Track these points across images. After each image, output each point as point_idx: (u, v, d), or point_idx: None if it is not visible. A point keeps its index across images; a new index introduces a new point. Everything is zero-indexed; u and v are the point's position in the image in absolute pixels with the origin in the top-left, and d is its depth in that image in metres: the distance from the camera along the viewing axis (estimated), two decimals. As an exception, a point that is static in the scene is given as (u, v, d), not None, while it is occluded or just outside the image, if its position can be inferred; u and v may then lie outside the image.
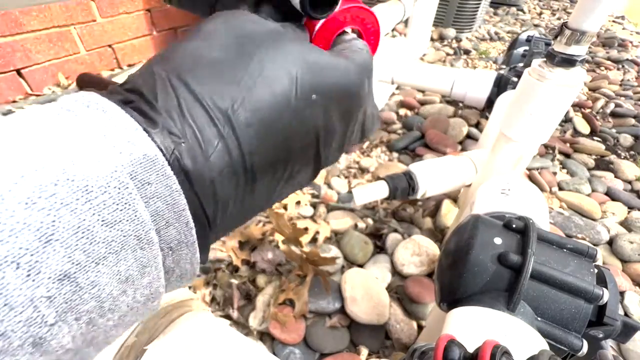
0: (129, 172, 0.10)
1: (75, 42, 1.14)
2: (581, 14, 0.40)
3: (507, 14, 2.18)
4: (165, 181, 0.11)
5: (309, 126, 0.14)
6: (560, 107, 0.46)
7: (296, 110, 0.14)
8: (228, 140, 0.13)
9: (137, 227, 0.10)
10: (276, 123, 0.13)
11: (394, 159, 0.94)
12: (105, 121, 0.11)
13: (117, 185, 0.10)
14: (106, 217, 0.10)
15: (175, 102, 0.12)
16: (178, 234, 0.12)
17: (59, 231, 0.09)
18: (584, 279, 0.29)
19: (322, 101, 0.15)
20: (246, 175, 0.13)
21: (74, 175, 0.09)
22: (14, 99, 1.04)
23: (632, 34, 1.99)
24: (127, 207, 0.10)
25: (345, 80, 0.15)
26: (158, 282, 0.12)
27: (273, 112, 0.13)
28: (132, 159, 0.10)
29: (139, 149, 0.11)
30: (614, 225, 0.77)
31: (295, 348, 0.53)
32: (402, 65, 0.95)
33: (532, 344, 0.27)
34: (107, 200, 0.10)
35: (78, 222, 0.09)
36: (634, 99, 1.27)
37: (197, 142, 0.12)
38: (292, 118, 0.14)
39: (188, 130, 0.12)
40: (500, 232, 0.33)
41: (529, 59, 0.94)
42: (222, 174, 0.13)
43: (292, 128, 0.14)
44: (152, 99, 0.12)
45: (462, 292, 0.31)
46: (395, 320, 0.56)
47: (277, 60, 0.14)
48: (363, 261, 0.66)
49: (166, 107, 0.12)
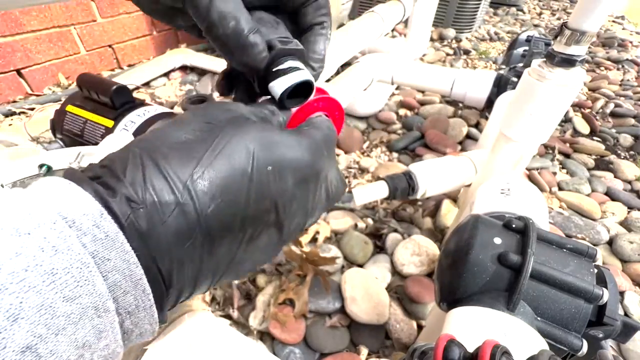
0: (91, 252, 0.12)
1: (76, 42, 1.14)
2: (581, 14, 0.40)
3: (507, 14, 2.18)
4: (123, 256, 0.13)
5: (265, 193, 0.17)
6: (559, 107, 0.46)
7: (252, 180, 0.16)
8: (185, 206, 0.14)
9: (95, 299, 0.12)
10: (233, 191, 0.16)
11: (394, 159, 0.94)
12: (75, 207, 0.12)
13: (79, 266, 0.12)
14: (67, 294, 0.11)
15: (140, 174, 0.14)
16: (135, 300, 0.14)
17: (24, 310, 0.10)
18: (583, 279, 0.29)
19: (277, 172, 0.17)
20: (203, 237, 0.15)
21: (42, 261, 0.11)
22: (14, 99, 1.04)
23: (632, 34, 1.99)
24: (87, 282, 0.12)
25: (298, 154, 0.18)
26: (115, 344, 0.13)
27: (230, 182, 0.16)
28: (95, 239, 0.12)
29: (102, 231, 0.13)
30: (613, 225, 0.77)
31: (295, 348, 0.53)
32: (402, 65, 0.95)
33: (532, 343, 0.27)
34: (69, 279, 0.11)
35: (42, 301, 0.11)
36: (634, 99, 1.27)
37: (155, 207, 0.14)
38: (249, 187, 0.16)
39: (148, 198, 0.14)
40: (500, 232, 0.33)
41: (529, 59, 0.94)
42: (178, 235, 0.14)
43: (249, 195, 0.16)
44: (120, 173, 0.14)
45: (462, 292, 0.31)
46: (395, 320, 0.56)
47: (238, 139, 0.16)
48: (363, 261, 0.66)
49: (132, 179, 0.14)
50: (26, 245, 0.11)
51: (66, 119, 0.61)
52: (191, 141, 0.16)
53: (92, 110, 0.59)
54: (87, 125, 0.59)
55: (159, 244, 0.14)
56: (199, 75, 1.24)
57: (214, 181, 0.15)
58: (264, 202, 0.17)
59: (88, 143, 0.59)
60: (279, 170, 0.17)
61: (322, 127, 0.21)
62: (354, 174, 0.89)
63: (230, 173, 0.16)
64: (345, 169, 0.90)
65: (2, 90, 1.01)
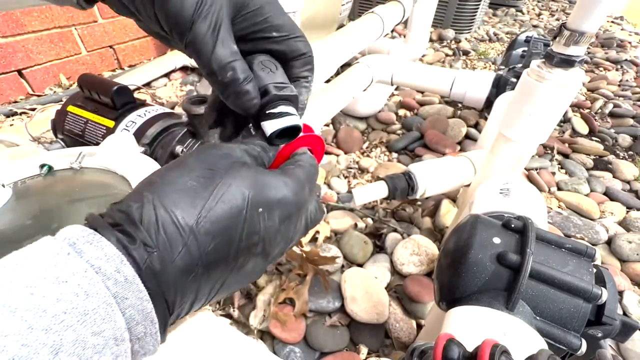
0: (113, 293, 0.15)
1: (77, 42, 1.14)
2: (580, 15, 0.40)
3: (506, 14, 2.19)
4: (138, 295, 0.16)
5: (256, 230, 0.20)
6: (558, 107, 0.46)
7: (246, 220, 0.19)
8: (190, 246, 0.17)
9: (116, 332, 0.15)
10: (230, 230, 0.19)
11: (394, 159, 0.94)
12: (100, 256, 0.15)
13: (105, 307, 0.15)
14: (95, 329, 0.14)
15: (154, 220, 0.17)
16: (144, 329, 0.16)
17: (64, 345, 0.13)
18: (582, 279, 0.29)
19: (266, 211, 0.20)
20: (202, 270, 0.18)
21: (78, 305, 0.14)
22: (15, 99, 1.04)
23: (630, 35, 1.99)
24: (110, 319, 0.15)
25: (285, 195, 0.21)
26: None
27: (228, 223, 0.18)
28: (116, 282, 0.15)
29: (122, 275, 0.15)
30: (612, 225, 0.77)
31: (296, 347, 0.54)
32: (401, 65, 0.96)
33: (531, 343, 0.27)
34: (97, 318, 0.14)
35: (76, 336, 0.14)
36: (633, 99, 1.27)
37: (167, 249, 0.17)
38: (243, 226, 0.19)
39: (161, 241, 0.17)
40: (499, 232, 0.33)
41: (528, 59, 0.94)
42: (183, 271, 0.17)
43: (242, 232, 0.19)
44: (137, 221, 0.17)
45: (461, 291, 0.32)
46: (395, 319, 0.56)
47: (236, 186, 0.19)
48: (363, 260, 0.66)
49: (147, 225, 0.17)
50: (64, 291, 0.14)
51: (67, 119, 0.61)
52: (195, 187, 0.18)
53: (93, 111, 0.60)
54: (88, 125, 0.59)
55: (168, 279, 0.17)
56: (200, 75, 1.24)
57: (214, 223, 0.18)
58: (254, 237, 0.20)
59: (89, 143, 0.59)
60: (268, 210, 0.20)
61: (306, 165, 0.23)
62: (353, 174, 0.89)
63: (229, 216, 0.18)
64: (345, 169, 0.90)
65: (3, 90, 1.01)
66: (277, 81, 0.24)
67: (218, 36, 0.21)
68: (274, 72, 0.24)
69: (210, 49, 0.21)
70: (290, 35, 0.24)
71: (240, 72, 0.22)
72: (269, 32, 0.24)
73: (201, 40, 0.21)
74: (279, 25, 0.24)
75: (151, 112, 0.59)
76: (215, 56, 0.21)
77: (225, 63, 0.21)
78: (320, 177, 0.84)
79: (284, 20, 0.24)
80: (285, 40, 0.24)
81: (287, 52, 0.25)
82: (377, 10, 1.04)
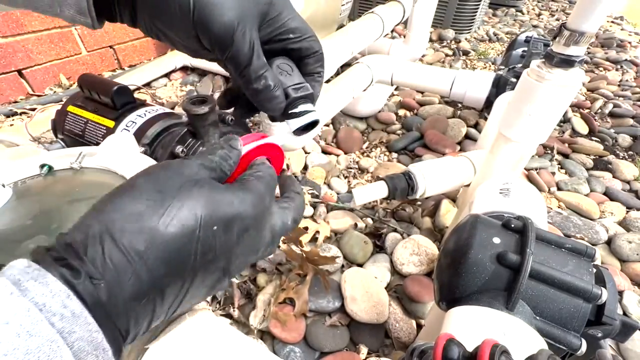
0: (58, 329, 0.15)
1: (77, 42, 1.14)
2: (580, 15, 0.41)
3: (506, 14, 2.19)
4: (86, 327, 0.16)
5: (211, 248, 0.19)
6: (558, 107, 0.46)
7: (199, 240, 0.19)
8: (139, 272, 0.17)
9: None
10: (182, 252, 0.18)
11: (393, 160, 0.94)
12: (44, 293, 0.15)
13: (48, 344, 0.14)
14: None
15: (100, 253, 0.17)
16: (96, 358, 0.16)
17: None
18: (582, 279, 0.29)
19: (222, 228, 0.20)
20: (155, 293, 0.18)
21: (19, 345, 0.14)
22: (15, 99, 1.04)
23: (630, 35, 1.99)
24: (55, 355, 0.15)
25: (242, 209, 0.21)
26: None
27: (180, 245, 0.18)
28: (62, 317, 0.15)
29: (68, 310, 0.15)
30: (612, 225, 0.77)
31: (296, 347, 0.54)
32: (401, 65, 0.96)
33: (531, 343, 0.27)
34: (41, 355, 0.14)
35: None
36: (633, 99, 1.27)
37: (115, 278, 0.17)
38: (196, 246, 0.19)
39: (107, 271, 0.17)
40: (499, 232, 0.33)
41: (528, 59, 0.94)
42: (134, 297, 0.17)
43: (197, 252, 0.19)
44: (82, 253, 0.17)
45: (461, 291, 0.32)
46: (395, 319, 0.56)
47: (187, 208, 0.19)
48: (363, 260, 0.66)
49: (93, 257, 0.17)
50: (6, 333, 0.14)
51: (67, 120, 0.61)
52: (144, 212, 0.18)
53: (93, 111, 0.60)
54: (88, 125, 0.59)
55: (117, 308, 0.17)
56: (200, 75, 1.24)
57: (165, 248, 0.18)
58: (208, 254, 0.19)
59: (89, 143, 0.59)
60: (223, 227, 0.20)
61: (264, 176, 0.24)
62: (353, 174, 0.89)
63: (180, 238, 0.18)
64: (345, 169, 0.90)
65: (4, 90, 1.01)
66: (295, 83, 0.27)
67: (254, 50, 0.24)
68: (291, 75, 0.27)
69: (247, 62, 0.24)
70: (304, 35, 0.27)
71: (271, 80, 0.25)
72: (287, 34, 0.27)
73: (242, 55, 0.24)
74: (295, 28, 0.27)
75: (151, 112, 0.59)
76: (253, 67, 0.25)
77: (260, 74, 0.25)
78: (320, 177, 0.84)
79: (299, 23, 0.27)
80: (301, 41, 0.27)
81: (302, 50, 0.27)
82: (377, 11, 1.04)
